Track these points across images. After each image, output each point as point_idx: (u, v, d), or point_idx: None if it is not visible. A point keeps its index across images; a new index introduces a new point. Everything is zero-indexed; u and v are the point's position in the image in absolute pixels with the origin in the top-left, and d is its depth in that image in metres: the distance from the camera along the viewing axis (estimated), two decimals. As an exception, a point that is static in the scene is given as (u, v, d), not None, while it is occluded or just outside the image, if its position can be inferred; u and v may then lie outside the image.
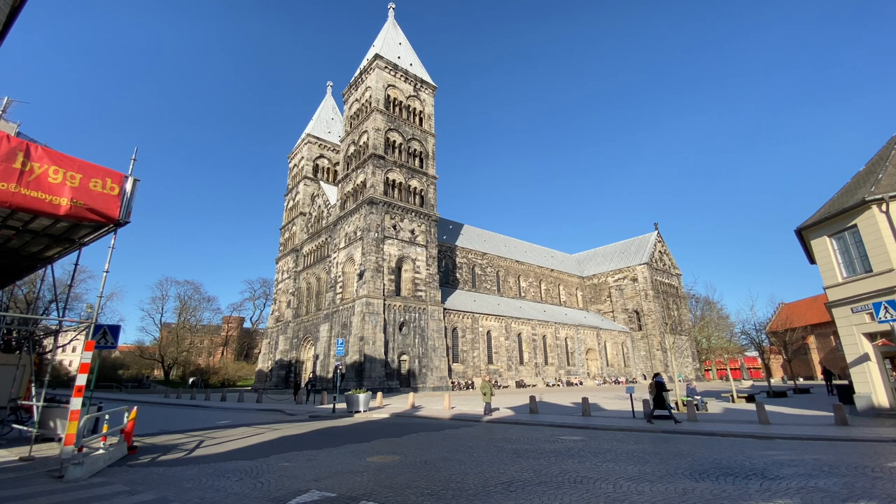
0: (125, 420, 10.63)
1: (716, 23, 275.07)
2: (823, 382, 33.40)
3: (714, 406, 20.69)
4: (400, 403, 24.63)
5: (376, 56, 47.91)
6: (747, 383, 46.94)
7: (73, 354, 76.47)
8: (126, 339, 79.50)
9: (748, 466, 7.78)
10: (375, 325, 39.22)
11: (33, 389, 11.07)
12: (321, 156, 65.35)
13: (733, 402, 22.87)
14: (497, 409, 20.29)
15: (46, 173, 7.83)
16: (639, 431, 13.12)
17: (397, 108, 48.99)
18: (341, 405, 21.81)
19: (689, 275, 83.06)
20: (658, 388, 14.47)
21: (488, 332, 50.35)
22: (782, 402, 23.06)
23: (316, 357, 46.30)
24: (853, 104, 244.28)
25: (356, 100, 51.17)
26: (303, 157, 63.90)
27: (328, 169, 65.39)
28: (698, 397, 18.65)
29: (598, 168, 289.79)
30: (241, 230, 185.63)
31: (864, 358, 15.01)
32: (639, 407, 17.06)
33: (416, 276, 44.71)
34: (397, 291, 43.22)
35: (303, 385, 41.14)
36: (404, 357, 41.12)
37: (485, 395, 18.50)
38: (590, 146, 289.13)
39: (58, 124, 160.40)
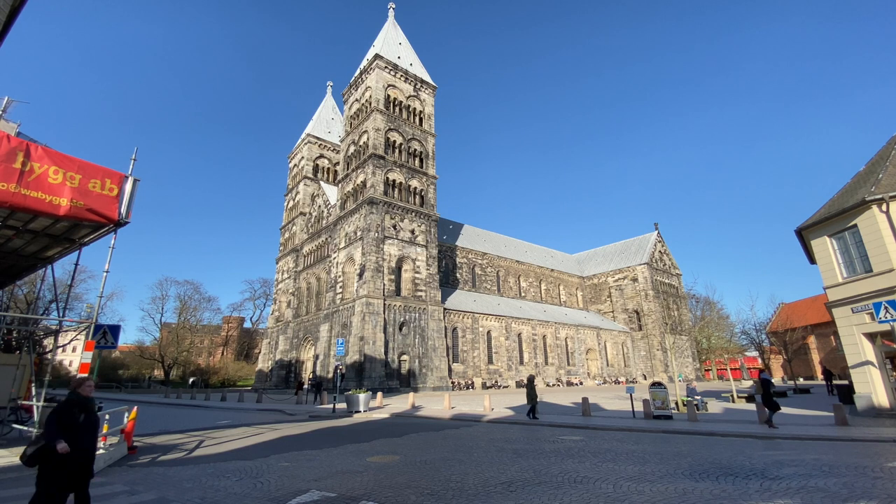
0: (125, 420, 10.64)
1: (716, 18, 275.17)
2: (823, 382, 33.39)
3: (714, 406, 20.69)
4: (400, 403, 24.62)
5: (376, 56, 47.89)
6: (747, 383, 46.88)
7: (73, 354, 76.43)
8: (126, 339, 79.51)
9: (748, 466, 7.78)
10: (375, 325, 39.21)
11: (33, 389, 11.08)
12: (321, 156, 65.33)
13: (733, 402, 22.85)
14: (532, 410, 16.93)
15: (46, 173, 7.83)
16: (639, 431, 13.11)
17: (397, 108, 48.97)
18: (341, 405, 21.80)
19: (689, 275, 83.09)
20: (766, 386, 13.29)
21: (488, 332, 50.34)
22: (782, 402, 22.94)
23: (316, 357, 46.30)
24: (854, 103, 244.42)
25: (356, 100, 51.16)
26: (303, 157, 63.90)
27: (328, 169, 65.38)
28: (698, 397, 18.63)
29: (598, 167, 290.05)
30: (241, 230, 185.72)
31: (865, 358, 15.00)
32: (639, 407, 17.03)
33: (416, 276, 44.70)
34: (397, 291, 43.21)
35: (305, 384, 40.97)
36: (404, 357, 41.11)
37: (534, 396, 16.62)
38: (589, 145, 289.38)
39: (58, 124, 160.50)
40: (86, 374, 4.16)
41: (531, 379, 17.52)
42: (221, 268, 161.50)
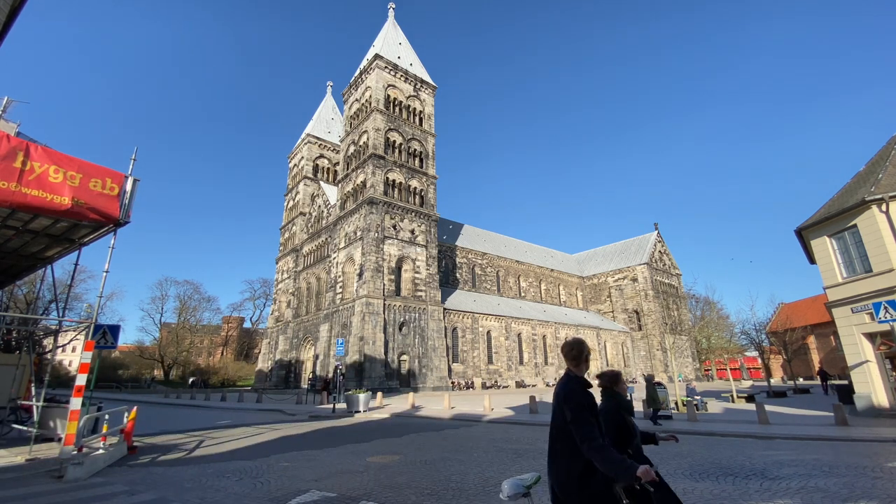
0: (125, 420, 10.63)
1: (715, 17, 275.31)
2: (820, 383, 33.45)
3: (714, 406, 20.68)
4: (400, 403, 24.61)
5: (376, 56, 47.89)
6: (747, 383, 46.93)
7: (73, 354, 76.33)
8: (126, 339, 79.37)
9: (748, 466, 7.78)
10: (375, 325, 39.20)
11: (33, 389, 11.09)
12: (321, 156, 65.35)
13: (733, 402, 22.85)
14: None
15: (47, 173, 7.83)
16: (639, 431, 13.07)
17: (397, 108, 48.97)
18: (341, 405, 21.80)
19: (689, 275, 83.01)
20: None
21: (488, 332, 50.34)
22: (782, 402, 23.06)
23: (316, 357, 46.30)
24: (854, 103, 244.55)
25: (356, 100, 51.16)
26: (303, 157, 63.91)
27: (328, 169, 65.38)
28: (698, 397, 18.64)
29: (598, 166, 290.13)
30: (241, 230, 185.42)
31: (864, 358, 15.01)
32: (639, 407, 17.03)
33: (416, 276, 44.70)
34: (397, 291, 43.20)
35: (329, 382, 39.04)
36: (404, 357, 41.10)
37: (655, 399, 14.69)
38: (589, 145, 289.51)
39: (58, 124, 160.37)
40: (616, 371, 3.53)
41: (650, 378, 15.67)
42: (221, 268, 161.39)
